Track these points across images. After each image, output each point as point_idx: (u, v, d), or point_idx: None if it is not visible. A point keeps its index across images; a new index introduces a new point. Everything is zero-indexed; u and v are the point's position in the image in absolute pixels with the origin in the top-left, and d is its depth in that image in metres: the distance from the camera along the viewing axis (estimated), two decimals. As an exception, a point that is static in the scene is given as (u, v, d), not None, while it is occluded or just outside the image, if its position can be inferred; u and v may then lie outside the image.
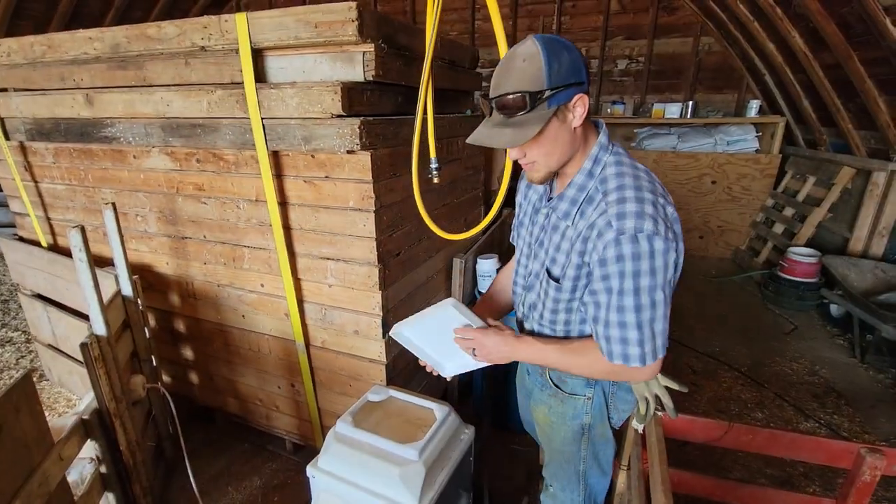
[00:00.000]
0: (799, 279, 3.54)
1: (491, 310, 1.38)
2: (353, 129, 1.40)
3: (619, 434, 1.39)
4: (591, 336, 1.04)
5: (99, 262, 2.09)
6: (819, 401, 2.55)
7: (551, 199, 1.10)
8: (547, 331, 1.16)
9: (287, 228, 1.69)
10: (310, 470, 1.26)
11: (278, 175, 1.63)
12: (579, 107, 0.92)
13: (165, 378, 2.37)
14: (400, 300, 1.79)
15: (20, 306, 3.51)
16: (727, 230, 4.72)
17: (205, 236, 1.91)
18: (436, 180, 1.60)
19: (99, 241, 2.20)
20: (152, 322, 2.27)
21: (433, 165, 1.56)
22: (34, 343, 2.87)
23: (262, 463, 2.16)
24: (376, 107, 1.55)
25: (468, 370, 1.21)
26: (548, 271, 1.09)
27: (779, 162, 4.42)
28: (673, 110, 4.66)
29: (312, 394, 1.92)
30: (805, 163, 4.23)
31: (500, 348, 1.09)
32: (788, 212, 4.16)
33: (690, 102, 4.65)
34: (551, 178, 1.05)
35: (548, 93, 0.88)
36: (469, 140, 0.99)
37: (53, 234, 2.46)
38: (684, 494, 1.55)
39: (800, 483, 2.00)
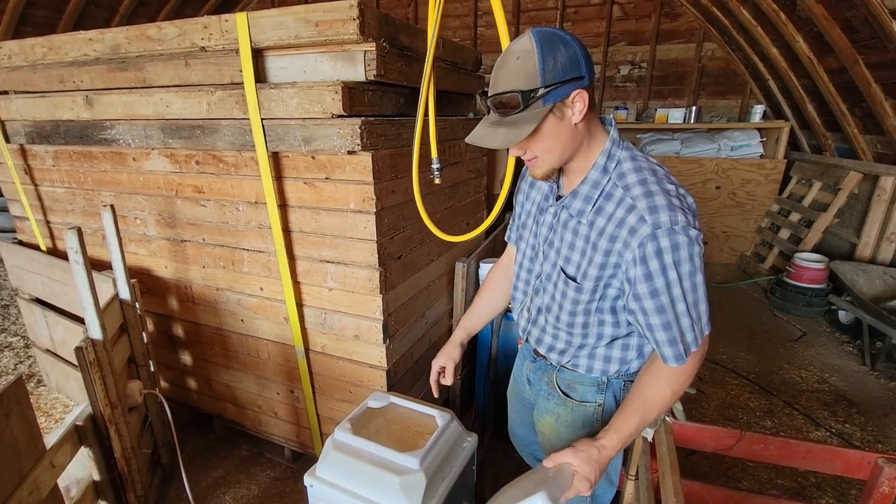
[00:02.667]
0: (806, 285, 3.49)
1: (483, 319, 1.41)
2: (353, 130, 1.38)
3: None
4: (620, 372, 1.06)
5: (98, 265, 2.07)
6: (829, 409, 2.50)
7: (560, 197, 1.07)
8: (563, 334, 1.12)
9: (287, 231, 1.66)
10: (307, 479, 1.22)
11: (278, 177, 1.61)
12: (578, 102, 0.90)
13: (163, 383, 2.33)
14: (401, 304, 1.76)
15: (20, 311, 3.49)
16: (732, 236, 4.68)
17: (204, 239, 1.88)
18: (437, 181, 1.58)
19: (98, 244, 2.18)
20: (150, 326, 2.24)
21: (435, 166, 1.54)
22: (32, 348, 2.84)
23: (260, 471, 2.12)
24: (377, 107, 1.53)
25: None
26: (563, 271, 1.05)
27: (784, 167, 4.39)
28: (676, 115, 4.64)
29: (312, 400, 1.88)
30: (810, 168, 4.20)
31: (596, 466, 0.94)
32: (794, 217, 4.12)
33: (694, 108, 4.63)
34: (554, 174, 1.02)
35: (542, 91, 0.86)
36: (467, 139, 0.98)
37: (53, 237, 2.44)
38: (694, 506, 1.50)
39: (812, 494, 1.94)
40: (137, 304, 1.89)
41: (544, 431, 1.23)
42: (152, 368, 2.02)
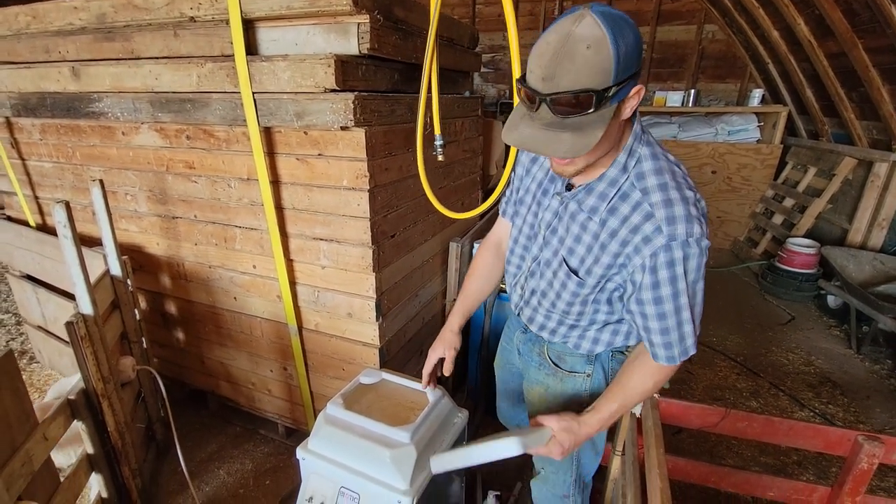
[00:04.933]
0: (797, 270, 3.52)
1: (476, 305, 1.34)
2: (346, 105, 1.35)
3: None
4: (607, 355, 1.06)
5: (89, 242, 2.05)
6: (814, 391, 2.55)
7: (570, 187, 1.01)
8: (556, 316, 1.11)
9: (279, 208, 1.65)
10: (300, 452, 1.24)
11: (270, 153, 1.58)
12: (635, 98, 0.81)
13: (156, 360, 2.34)
14: (395, 283, 1.76)
15: (10, 288, 3.47)
16: (727, 221, 4.70)
17: (196, 216, 1.86)
18: (440, 158, 1.56)
19: (88, 220, 2.16)
20: (143, 304, 2.23)
21: (438, 143, 1.52)
22: (24, 325, 2.83)
23: (254, 446, 2.14)
24: (371, 82, 1.51)
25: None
26: (566, 262, 1.02)
27: (780, 152, 4.38)
28: (675, 98, 4.61)
29: (305, 377, 1.90)
30: (806, 153, 4.20)
31: (573, 438, 1.00)
32: (788, 202, 4.14)
33: (692, 91, 4.59)
34: None
35: (614, 89, 0.76)
36: (510, 140, 0.84)
37: (42, 213, 2.41)
38: (678, 480, 1.54)
39: (794, 472, 2.00)
40: (129, 281, 1.88)
41: (533, 401, 1.25)
42: (145, 345, 2.02)
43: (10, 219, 2.55)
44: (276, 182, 1.62)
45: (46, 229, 2.39)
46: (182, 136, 1.73)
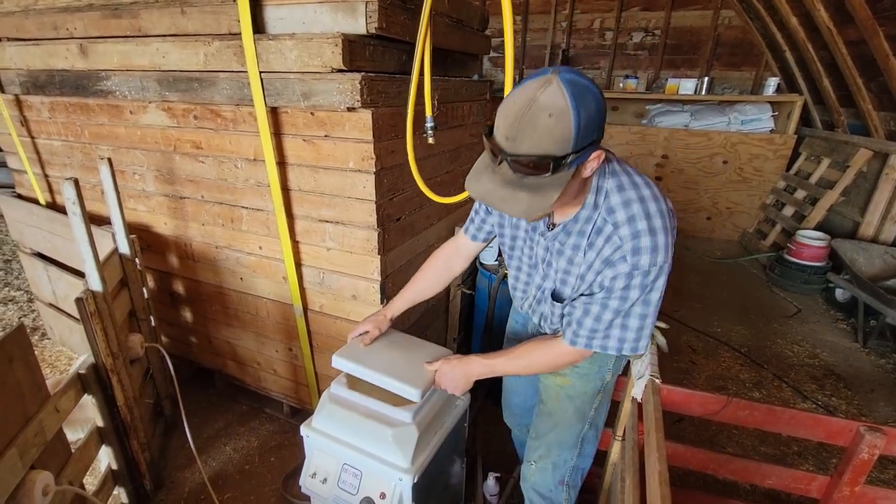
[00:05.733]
0: (806, 262, 3.49)
1: (412, 303, 1.42)
2: (353, 85, 1.34)
3: (613, 406, 1.40)
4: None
5: (97, 221, 2.07)
6: (818, 383, 2.54)
7: (552, 225, 1.07)
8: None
9: (285, 189, 1.65)
10: (304, 429, 1.26)
11: (277, 133, 1.58)
12: (594, 162, 0.86)
13: (164, 339, 2.38)
14: (399, 266, 1.76)
15: (22, 266, 3.53)
16: (736, 212, 4.65)
17: (203, 196, 1.87)
18: (430, 140, 1.55)
19: (97, 199, 2.18)
20: (151, 283, 2.26)
21: (428, 125, 1.51)
22: (36, 302, 2.88)
23: (259, 425, 2.18)
24: (379, 63, 1.49)
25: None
26: (553, 293, 1.12)
27: (793, 143, 4.31)
28: (688, 86, 4.52)
29: (310, 358, 1.92)
30: (820, 144, 4.12)
31: (455, 373, 1.18)
32: (800, 194, 4.08)
33: (706, 78, 4.50)
34: None
35: (572, 157, 0.80)
36: (472, 191, 0.90)
37: (52, 191, 2.43)
38: (677, 467, 1.54)
39: (794, 462, 2.01)
40: (137, 260, 1.90)
41: (549, 385, 1.27)
42: (153, 323, 2.05)
43: (20, 197, 2.57)
44: (282, 163, 1.62)
45: (56, 208, 2.41)
46: (189, 116, 1.73)
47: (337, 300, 1.76)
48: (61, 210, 2.34)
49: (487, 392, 2.22)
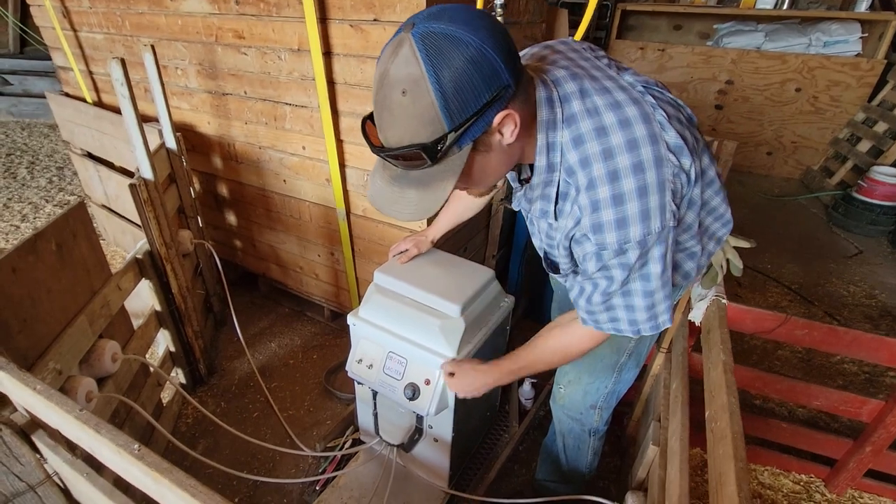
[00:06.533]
0: (876, 202, 3.21)
1: (453, 225, 1.35)
2: (407, -45, 1.21)
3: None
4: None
5: (143, 120, 2.07)
6: (873, 322, 2.42)
7: (523, 182, 0.90)
8: None
9: (331, 82, 1.57)
10: (350, 318, 1.28)
11: (322, 18, 1.48)
12: (508, 124, 0.66)
13: (211, 242, 2.45)
14: (444, 172, 1.70)
15: (74, 173, 3.65)
16: (801, 147, 4.27)
17: (245, 92, 1.82)
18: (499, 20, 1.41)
19: (140, 97, 2.16)
20: (197, 186, 2.29)
21: (498, 1, 1.37)
22: (90, 205, 3.00)
23: (301, 326, 2.28)
24: (435, -66, 1.34)
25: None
26: (548, 260, 0.96)
27: (882, 69, 3.82)
28: (767, 0, 4.00)
29: (351, 263, 1.94)
30: (914, 71, 3.64)
31: (469, 381, 1.07)
32: (881, 127, 3.67)
33: (790, -10, 3.96)
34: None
35: (452, 136, 0.62)
36: (368, 198, 0.76)
37: (97, 90, 2.43)
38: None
39: (824, 425, 1.94)
40: (184, 157, 1.91)
41: None
42: (200, 223, 2.10)
43: (68, 95, 2.60)
44: (328, 53, 1.53)
45: (103, 106, 2.42)
46: (231, 1, 1.64)
47: (380, 204, 1.74)
48: (107, 108, 2.35)
49: (525, 310, 2.22)
